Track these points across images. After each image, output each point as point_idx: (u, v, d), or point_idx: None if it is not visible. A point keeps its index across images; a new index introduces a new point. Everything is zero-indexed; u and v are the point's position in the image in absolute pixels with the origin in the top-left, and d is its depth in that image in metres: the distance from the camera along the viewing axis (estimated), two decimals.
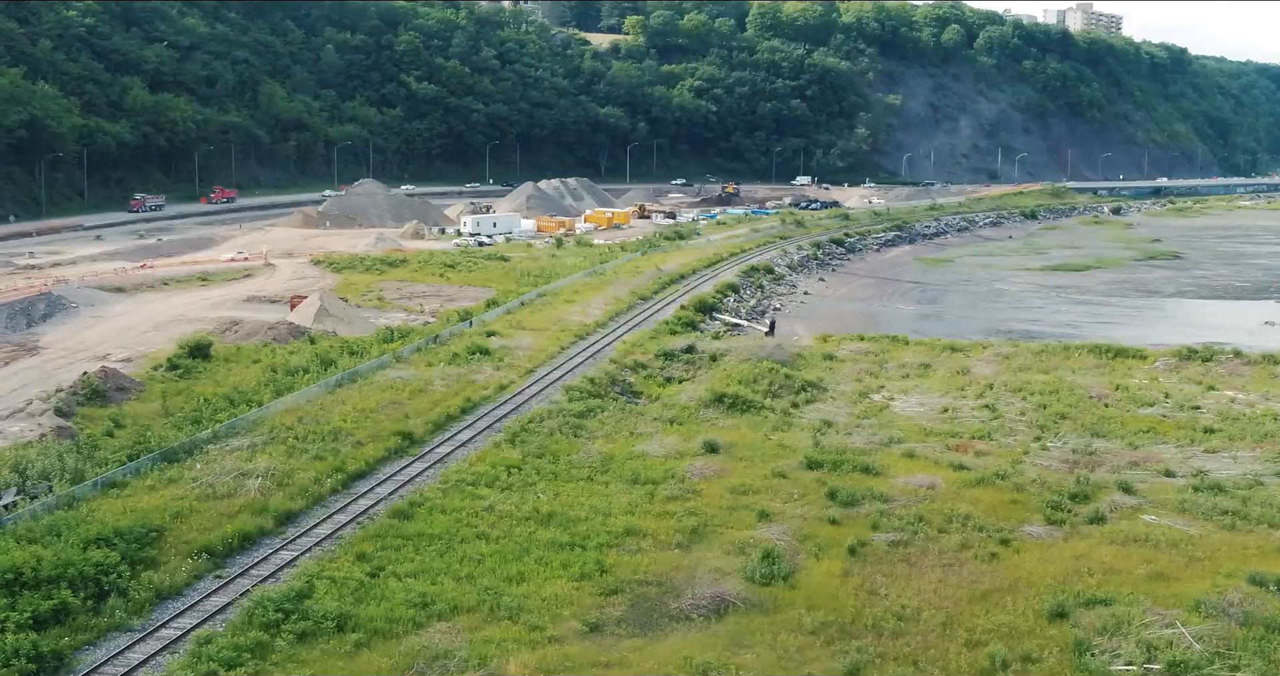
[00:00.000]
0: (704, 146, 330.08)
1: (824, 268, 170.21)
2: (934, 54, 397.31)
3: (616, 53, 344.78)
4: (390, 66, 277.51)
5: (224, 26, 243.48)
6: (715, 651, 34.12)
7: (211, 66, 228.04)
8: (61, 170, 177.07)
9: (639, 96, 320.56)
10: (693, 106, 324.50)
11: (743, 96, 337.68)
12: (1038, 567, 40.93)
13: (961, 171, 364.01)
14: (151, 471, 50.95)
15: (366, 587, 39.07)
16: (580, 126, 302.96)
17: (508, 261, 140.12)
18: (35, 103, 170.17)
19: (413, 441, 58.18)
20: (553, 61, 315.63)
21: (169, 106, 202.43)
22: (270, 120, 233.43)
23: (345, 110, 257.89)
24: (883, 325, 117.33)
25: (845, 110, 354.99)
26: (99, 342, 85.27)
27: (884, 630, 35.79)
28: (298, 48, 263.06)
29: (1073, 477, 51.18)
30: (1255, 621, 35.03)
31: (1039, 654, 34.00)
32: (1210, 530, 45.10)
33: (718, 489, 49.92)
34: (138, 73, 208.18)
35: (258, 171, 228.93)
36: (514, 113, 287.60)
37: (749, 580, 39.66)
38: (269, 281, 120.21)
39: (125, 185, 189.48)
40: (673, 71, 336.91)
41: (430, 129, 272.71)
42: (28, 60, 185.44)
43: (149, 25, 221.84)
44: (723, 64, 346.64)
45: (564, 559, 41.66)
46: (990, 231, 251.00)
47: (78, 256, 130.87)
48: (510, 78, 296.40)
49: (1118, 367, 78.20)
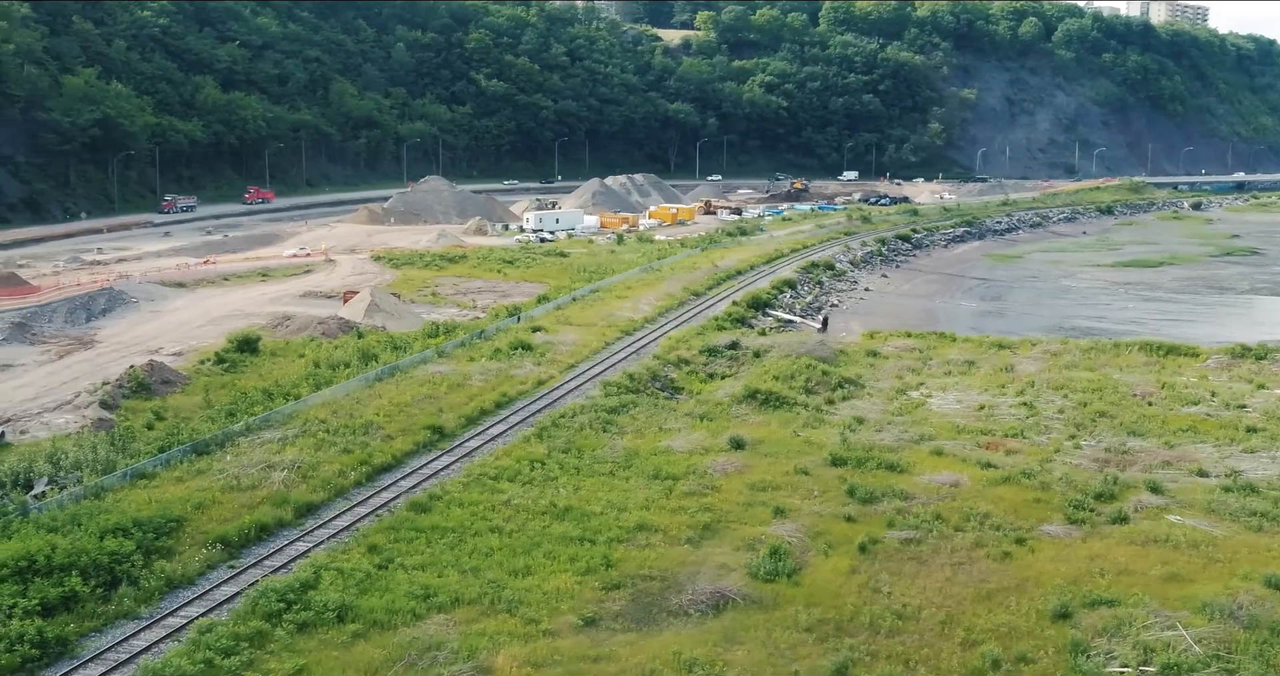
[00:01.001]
0: (775, 142, 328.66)
1: (888, 264, 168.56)
2: (1010, 47, 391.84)
3: (687, 49, 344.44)
4: (460, 64, 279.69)
5: (296, 26, 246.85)
6: (706, 647, 33.99)
7: (283, 65, 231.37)
8: (134, 168, 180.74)
9: (709, 92, 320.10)
10: (763, 102, 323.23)
11: (814, 92, 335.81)
12: (1050, 567, 40.26)
13: (1038, 166, 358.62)
14: (181, 463, 51.83)
15: (373, 579, 39.43)
16: (650, 123, 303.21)
17: (566, 257, 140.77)
18: (108, 102, 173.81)
19: (443, 435, 58.60)
20: (623, 58, 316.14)
21: (240, 105, 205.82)
22: (341, 118, 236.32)
23: (415, 108, 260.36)
24: (942, 322, 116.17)
25: (919, 105, 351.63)
26: (153, 337, 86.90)
27: (880, 628, 35.42)
28: (369, 46, 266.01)
29: (1101, 477, 50.21)
30: (1261, 624, 34.16)
31: (1034, 654, 33.45)
32: (1236, 531, 44.05)
33: (737, 485, 49.70)
34: (210, 72, 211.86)
35: (328, 169, 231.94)
36: (583, 109, 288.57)
37: (753, 576, 39.46)
38: (328, 277, 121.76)
39: (197, 183, 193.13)
40: (743, 67, 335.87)
41: (499, 126, 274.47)
42: (103, 60, 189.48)
43: (222, 25, 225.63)
44: (794, 59, 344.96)
45: (572, 553, 41.72)
46: (1064, 227, 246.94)
47: (144, 252, 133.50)
48: (580, 74, 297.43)
49: (1168, 365, 76.59)
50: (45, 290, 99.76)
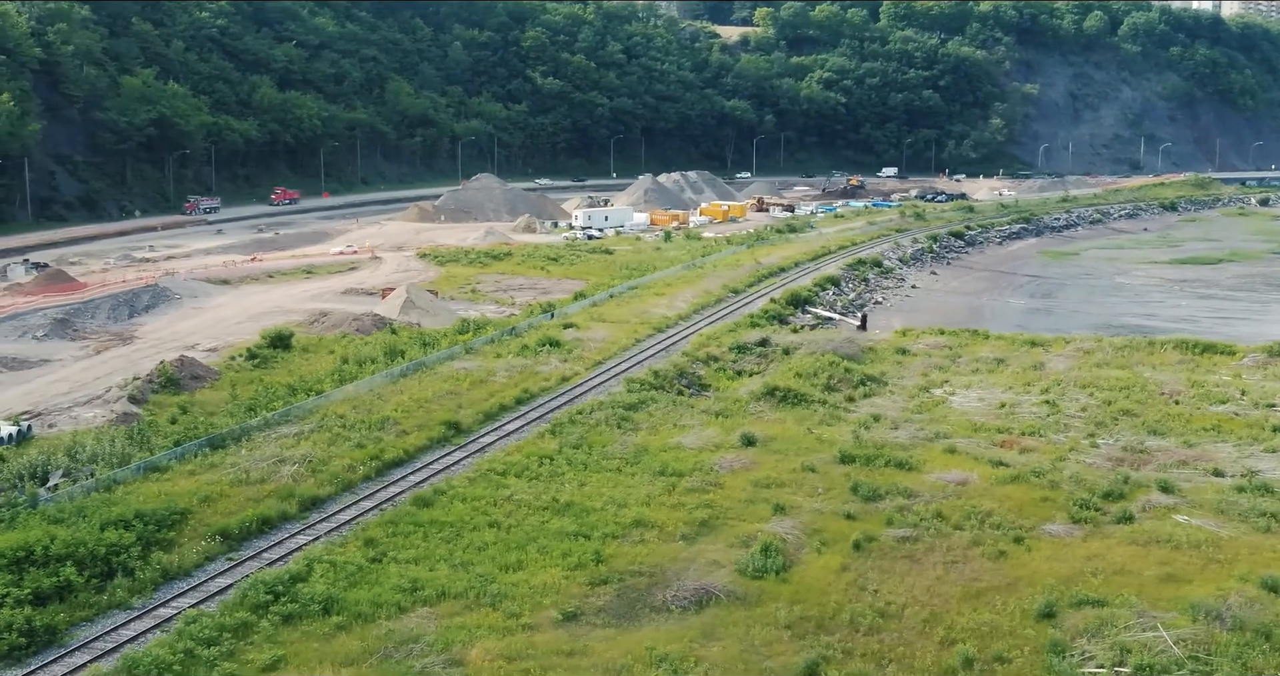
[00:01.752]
0: (833, 139, 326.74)
1: (938, 261, 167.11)
2: (1075, 42, 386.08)
3: (745, 45, 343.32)
4: (516, 62, 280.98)
5: (354, 25, 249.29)
6: (683, 643, 33.95)
7: (339, 65, 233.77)
8: (190, 166, 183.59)
9: (766, 89, 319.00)
10: (821, 98, 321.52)
11: (873, 88, 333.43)
12: (1044, 567, 39.77)
13: (1102, 162, 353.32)
14: (195, 457, 52.59)
15: (364, 572, 39.80)
16: (706, 120, 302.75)
17: (611, 254, 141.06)
18: (165, 102, 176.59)
19: (459, 431, 58.99)
20: (680, 55, 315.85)
21: (296, 104, 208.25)
22: (396, 116, 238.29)
23: (471, 106, 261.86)
24: (987, 319, 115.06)
25: (980, 100, 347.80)
26: (191, 333, 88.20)
27: (861, 626, 35.18)
28: (426, 45, 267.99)
29: (1112, 476, 49.50)
30: (1245, 626, 33.51)
31: (1011, 654, 33.08)
32: (1243, 531, 43.24)
33: (741, 482, 49.56)
34: (267, 71, 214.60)
35: (383, 167, 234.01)
36: (639, 107, 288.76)
37: (741, 573, 39.36)
38: (372, 274, 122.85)
39: (253, 181, 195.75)
40: (802, 63, 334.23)
41: (555, 123, 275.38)
42: (161, 61, 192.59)
43: (280, 25, 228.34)
44: (853, 55, 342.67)
45: (566, 548, 41.83)
46: (1125, 224, 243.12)
47: (194, 249, 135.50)
48: (636, 71, 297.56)
49: (1202, 364, 75.27)
50: (91, 287, 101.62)
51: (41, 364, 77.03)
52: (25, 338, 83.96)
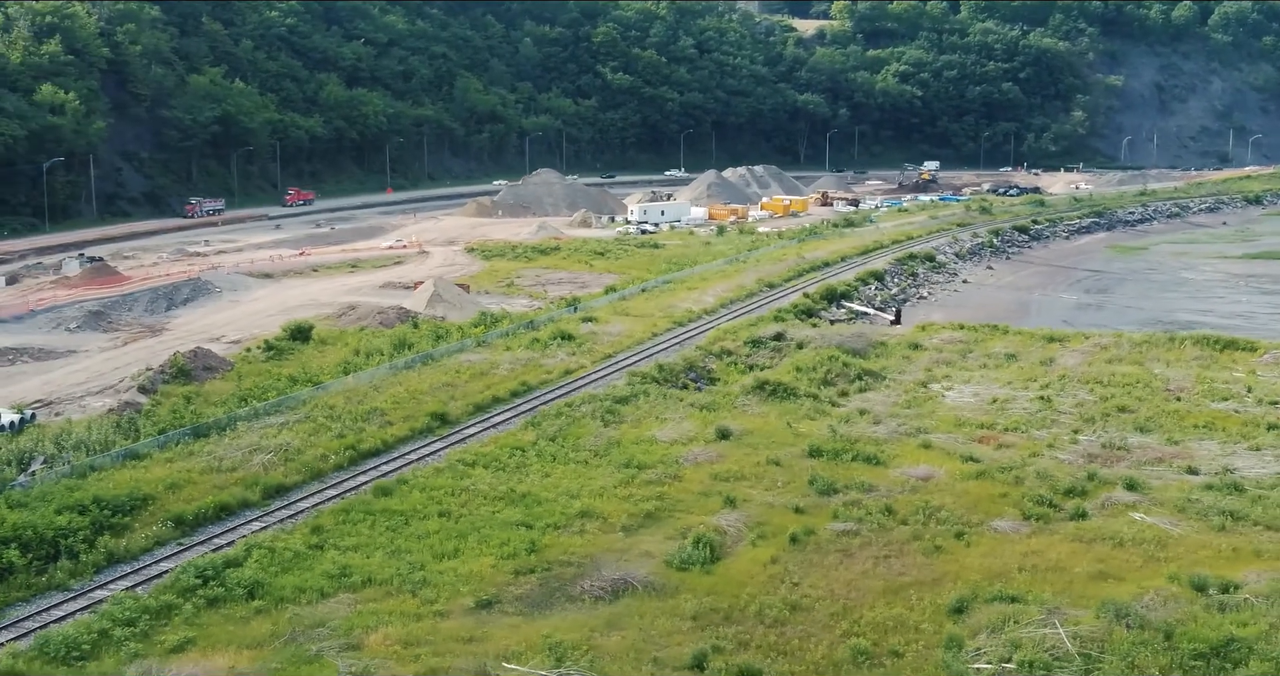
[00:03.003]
0: (909, 132, 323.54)
1: (998, 255, 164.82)
2: (1162, 32, 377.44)
3: (821, 39, 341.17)
4: (587, 58, 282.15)
5: (425, 23, 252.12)
6: (583, 632, 34.14)
7: (408, 62, 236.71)
8: (256, 163, 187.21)
9: (841, 83, 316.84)
10: (897, 91, 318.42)
11: (950, 80, 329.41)
12: (977, 563, 39.29)
13: (1188, 155, 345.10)
14: (176, 445, 53.85)
15: (300, 558, 40.53)
16: (778, 114, 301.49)
17: (660, 248, 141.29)
18: (230, 100, 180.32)
19: (445, 422, 59.64)
20: (753, 49, 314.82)
21: (362, 101, 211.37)
22: (465, 113, 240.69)
23: (540, 102, 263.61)
24: (1033, 315, 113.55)
25: (1061, 93, 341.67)
26: (222, 325, 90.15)
27: (766, 618, 35.11)
28: (497, 42, 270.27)
29: (1080, 473, 48.67)
30: (1148, 625, 32.82)
31: (906, 649, 32.80)
32: (1197, 530, 42.31)
33: (702, 475, 49.57)
34: (335, 69, 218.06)
35: (451, 162, 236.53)
36: (709, 101, 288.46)
37: (668, 564, 39.46)
38: (416, 268, 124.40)
39: (319, 177, 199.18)
40: (878, 56, 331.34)
41: (624, 118, 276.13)
42: (229, 59, 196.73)
43: (349, 23, 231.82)
44: (931, 47, 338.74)
45: (505, 538, 42.18)
46: (1204, 217, 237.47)
47: (247, 244, 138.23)
48: (708, 66, 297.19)
49: (1221, 360, 73.55)
50: (134, 280, 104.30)
51: (68, 355, 79.36)
52: (59, 329, 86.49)
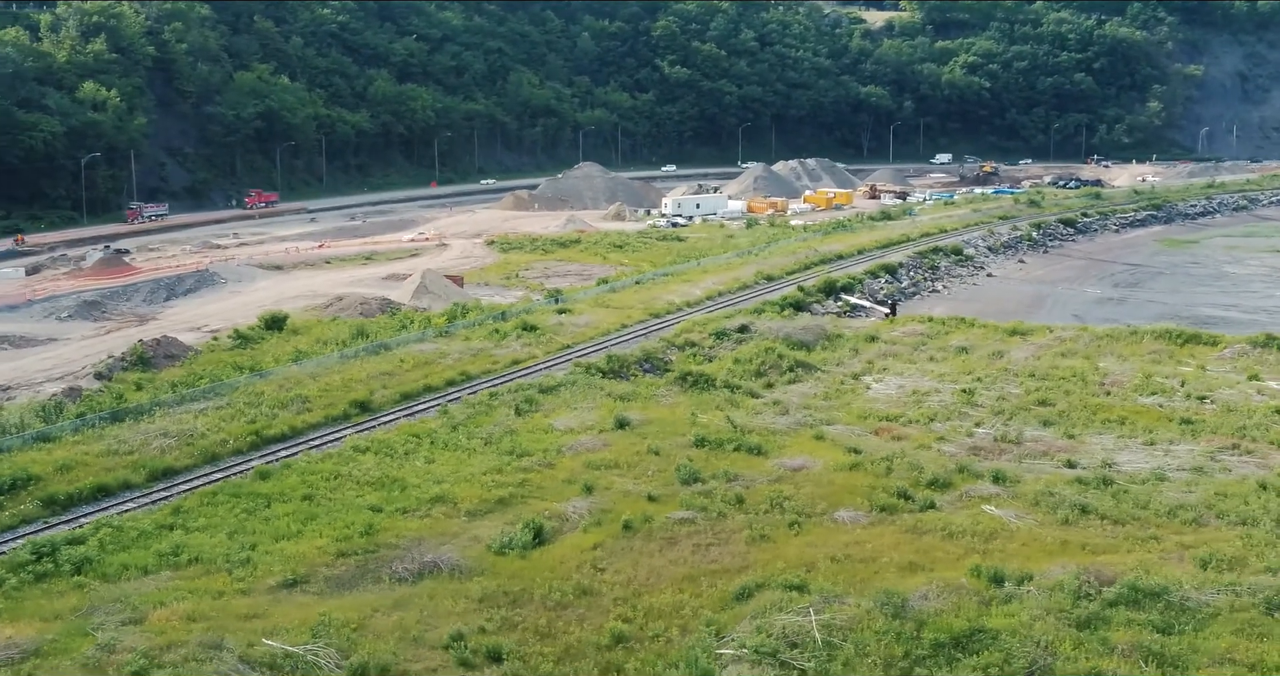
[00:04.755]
0: (976, 124, 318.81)
1: (1036, 249, 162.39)
2: (1247, 20, 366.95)
3: (890, 31, 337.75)
4: (645, 52, 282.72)
5: (481, 18, 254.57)
6: (363, 611, 34.89)
7: (461, 57, 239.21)
8: (302, 157, 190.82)
9: (907, 75, 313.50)
10: (964, 83, 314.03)
11: (1021, 71, 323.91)
12: (794, 552, 39.28)
13: (1271, 146, 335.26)
14: (91, 429, 55.64)
15: (143, 537, 41.83)
16: (840, 107, 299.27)
17: (682, 241, 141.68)
18: (274, 96, 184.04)
19: (366, 410, 60.82)
20: (816, 41, 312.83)
21: (411, 96, 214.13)
22: (518, 107, 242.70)
23: (597, 96, 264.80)
24: (1044, 310, 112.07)
25: (1137, 83, 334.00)
26: (209, 315, 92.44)
27: (550, 602, 35.59)
28: (555, 36, 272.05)
29: (952, 465, 48.34)
30: (905, 615, 32.66)
31: (669, 633, 33.11)
32: (1041, 523, 41.87)
33: (577, 463, 50.08)
34: (385, 65, 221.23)
35: (503, 156, 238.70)
36: (769, 94, 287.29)
37: (489, 549, 40.08)
38: (431, 260, 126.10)
39: (365, 170, 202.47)
40: (946, 48, 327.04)
41: (681, 112, 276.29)
42: (279, 56, 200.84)
43: (403, 20, 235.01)
44: (1001, 38, 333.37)
45: (350, 521, 43.07)
46: (1273, 211, 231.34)
47: (272, 236, 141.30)
48: (768, 59, 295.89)
49: (1179, 354, 72.16)
50: (143, 272, 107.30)
51: (47, 342, 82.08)
52: (49, 318, 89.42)
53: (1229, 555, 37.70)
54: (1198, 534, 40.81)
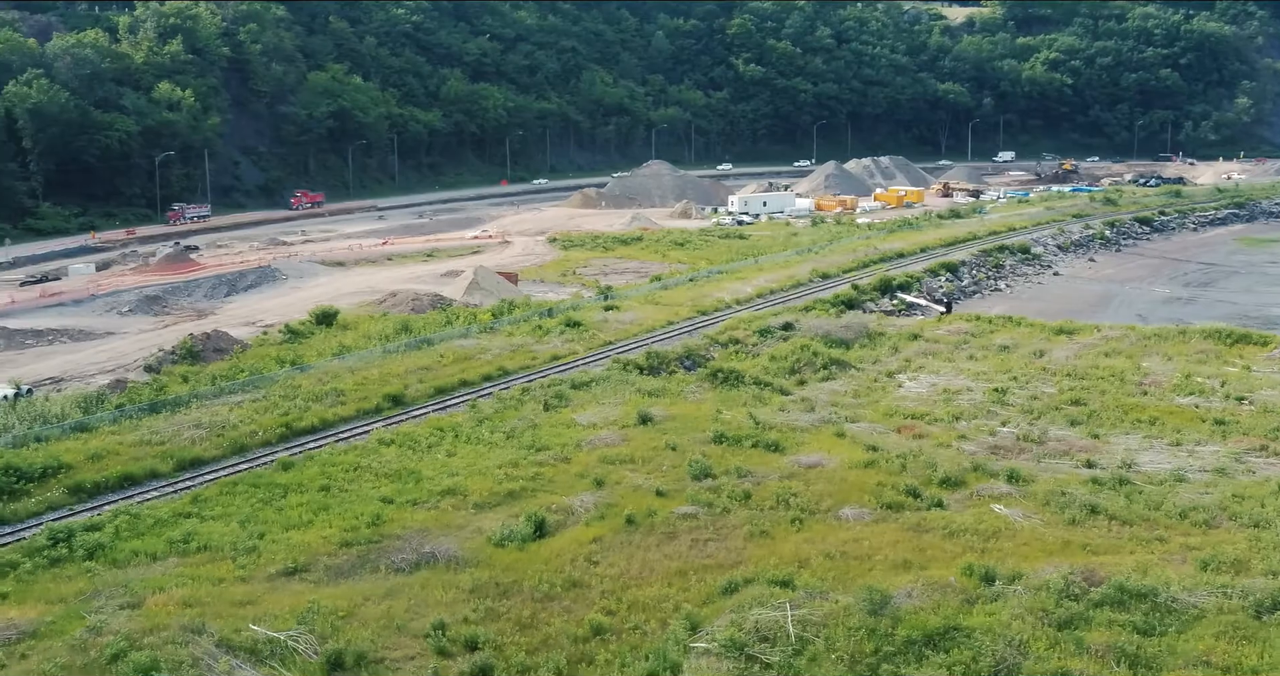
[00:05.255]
0: (1058, 121, 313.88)
1: (1109, 247, 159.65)
2: None
3: (970, 27, 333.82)
4: (720, 50, 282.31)
5: (556, 18, 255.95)
6: (354, 600, 35.51)
7: (534, 56, 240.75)
8: (375, 156, 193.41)
9: (987, 71, 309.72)
10: (1045, 80, 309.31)
11: (1104, 67, 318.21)
12: (789, 549, 39.23)
13: None
14: (128, 420, 57.09)
15: (159, 525, 42.92)
16: (917, 104, 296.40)
17: (744, 239, 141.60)
18: (346, 95, 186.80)
19: (399, 404, 61.74)
20: (894, 38, 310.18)
21: (483, 95, 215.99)
22: (591, 105, 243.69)
23: (670, 94, 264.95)
24: (1109, 309, 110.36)
25: (1225, 79, 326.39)
26: (265, 311, 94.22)
27: (538, 593, 35.93)
28: (629, 35, 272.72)
29: (967, 463, 47.93)
30: (886, 612, 32.50)
31: (648, 626, 33.30)
32: (1047, 522, 41.41)
33: (592, 458, 50.39)
34: (458, 64, 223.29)
35: (575, 155, 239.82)
36: (844, 92, 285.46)
37: (489, 540, 40.55)
38: (491, 257, 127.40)
39: (438, 169, 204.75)
40: (1028, 44, 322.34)
41: (755, 110, 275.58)
42: (353, 56, 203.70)
43: (477, 20, 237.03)
44: (1085, 33, 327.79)
45: (361, 511, 43.80)
46: None
47: (339, 233, 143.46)
48: (845, 56, 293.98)
49: (1228, 354, 70.71)
50: (207, 267, 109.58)
51: (105, 336, 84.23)
52: (110, 313, 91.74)
53: (1232, 557, 37.02)
54: (1207, 536, 40.11)
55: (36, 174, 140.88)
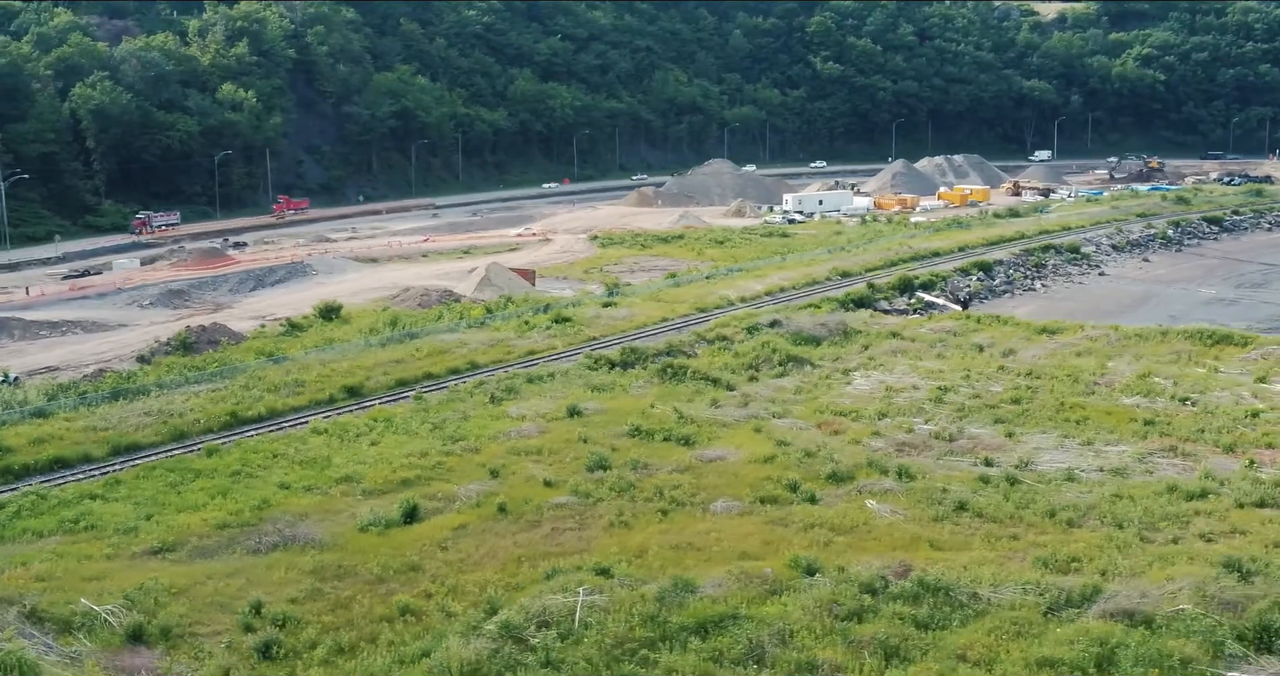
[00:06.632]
0: (1150, 119, 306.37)
1: (1169, 247, 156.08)
2: None
3: (1062, 23, 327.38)
4: (799, 48, 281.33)
5: (632, 17, 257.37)
6: (196, 578, 37.01)
7: (606, 56, 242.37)
8: (440, 155, 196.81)
9: (1076, 68, 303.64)
10: (1136, 76, 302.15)
11: (1199, 63, 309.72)
12: (636, 539, 39.80)
13: None
14: (88, 407, 59.59)
15: (62, 506, 44.96)
16: (1001, 101, 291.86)
17: (786, 238, 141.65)
18: (409, 95, 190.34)
19: (355, 395, 63.61)
20: (980, 35, 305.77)
21: (550, 95, 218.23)
22: (663, 104, 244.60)
23: (746, 93, 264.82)
24: (1142, 310, 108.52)
25: None
26: (280, 305, 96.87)
27: (371, 576, 37.07)
28: (707, 34, 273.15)
29: (862, 459, 48.13)
30: (674, 600, 33.01)
31: (454, 608, 34.28)
32: (909, 519, 41.42)
33: (502, 449, 51.52)
34: (528, 64, 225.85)
35: (647, 153, 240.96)
36: (925, 89, 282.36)
37: (358, 525, 41.89)
38: (528, 254, 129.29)
39: (503, 168, 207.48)
40: (1121, 40, 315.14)
41: (833, 108, 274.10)
42: (422, 57, 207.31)
43: (550, 20, 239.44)
44: (1181, 28, 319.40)
45: (255, 496, 45.48)
46: None
47: (386, 231, 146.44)
48: (926, 53, 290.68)
49: (1205, 354, 69.38)
50: (240, 262, 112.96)
51: (117, 328, 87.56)
52: (132, 305, 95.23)
53: (1069, 556, 36.86)
54: (1065, 534, 39.84)
55: (99, 173, 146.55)
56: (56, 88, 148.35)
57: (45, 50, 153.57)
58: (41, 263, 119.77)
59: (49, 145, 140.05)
